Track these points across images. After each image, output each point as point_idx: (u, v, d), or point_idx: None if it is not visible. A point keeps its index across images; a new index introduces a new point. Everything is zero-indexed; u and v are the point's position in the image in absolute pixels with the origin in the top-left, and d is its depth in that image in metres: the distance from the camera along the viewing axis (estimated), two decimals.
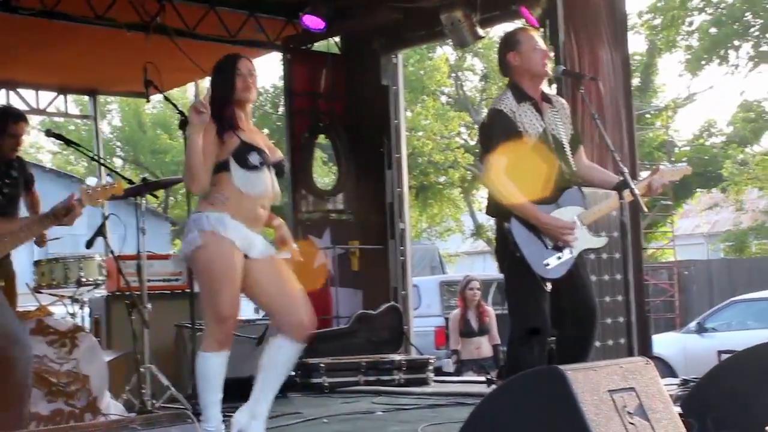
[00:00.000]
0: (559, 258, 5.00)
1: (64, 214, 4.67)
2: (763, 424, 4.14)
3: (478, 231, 32.38)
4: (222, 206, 4.68)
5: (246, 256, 4.72)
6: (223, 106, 4.81)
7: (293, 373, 8.15)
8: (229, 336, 4.70)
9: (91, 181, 5.51)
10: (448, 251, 32.96)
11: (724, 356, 5.54)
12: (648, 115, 29.20)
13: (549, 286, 4.97)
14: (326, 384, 8.15)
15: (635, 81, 28.96)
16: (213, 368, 4.65)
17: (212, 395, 4.65)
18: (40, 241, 6.71)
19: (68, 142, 6.41)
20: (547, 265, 4.98)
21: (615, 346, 7.80)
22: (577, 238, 5.06)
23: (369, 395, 7.76)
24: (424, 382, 8.45)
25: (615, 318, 7.86)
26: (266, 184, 4.77)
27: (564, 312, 5.12)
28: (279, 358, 4.80)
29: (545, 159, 5.11)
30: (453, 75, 31.02)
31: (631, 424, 3.68)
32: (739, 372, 4.75)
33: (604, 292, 7.86)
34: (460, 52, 28.48)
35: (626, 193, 4.89)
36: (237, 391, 5.23)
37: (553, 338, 5.25)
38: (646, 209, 5.18)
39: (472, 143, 29.69)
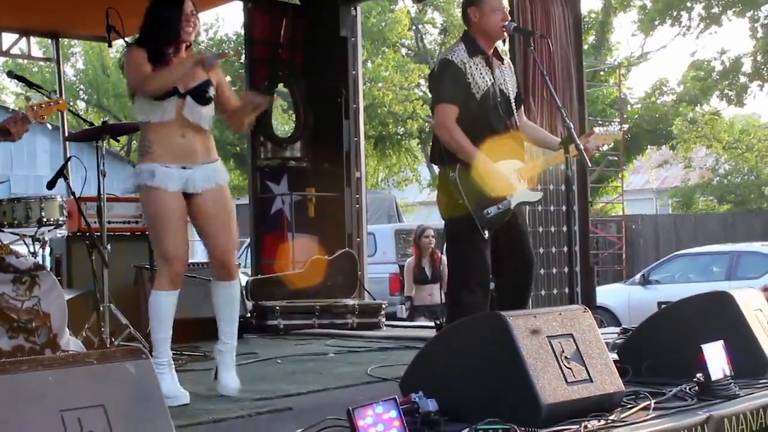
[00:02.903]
0: (499, 208, 5.12)
1: (10, 128, 4.81)
2: (693, 371, 4.26)
3: (434, 181, 32.45)
4: (151, 156, 4.75)
5: (187, 194, 4.79)
6: (166, 44, 4.83)
7: (249, 315, 8.26)
8: (179, 275, 4.79)
9: (37, 99, 5.52)
10: (405, 201, 33.01)
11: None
12: (602, 73, 29.32)
13: (487, 234, 5.08)
14: (281, 326, 8.23)
15: (590, 39, 29.06)
16: (164, 306, 4.75)
17: (163, 331, 4.75)
18: None
19: (29, 84, 6.35)
20: (488, 213, 5.09)
21: (559, 295, 7.94)
22: (517, 189, 5.18)
23: (322, 338, 7.83)
24: (376, 326, 8.54)
25: (560, 268, 7.99)
26: (169, 112, 4.74)
27: (503, 260, 5.24)
28: (220, 300, 4.94)
29: (492, 113, 5.20)
30: (413, 28, 30.97)
31: (568, 368, 3.78)
32: (672, 322, 4.88)
33: (549, 243, 7.98)
34: (421, 5, 28.39)
35: (572, 147, 4.98)
36: (195, 330, 5.32)
37: (493, 286, 5.38)
38: (589, 164, 5.27)
39: (431, 96, 29.68)
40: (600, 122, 27.16)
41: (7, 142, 5.05)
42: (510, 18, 5.34)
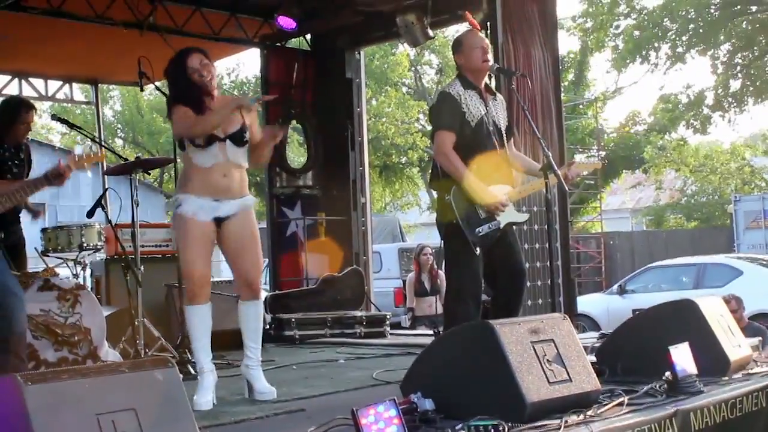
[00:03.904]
0: (490, 227, 5.11)
1: (54, 177, 4.85)
2: (662, 370, 4.25)
3: (433, 205, 32.42)
4: (188, 188, 4.75)
5: (218, 220, 4.76)
6: (197, 95, 4.81)
7: (268, 327, 8.25)
8: (201, 289, 4.73)
9: (78, 150, 5.56)
10: (407, 222, 33.00)
11: None
12: (581, 106, 29.37)
13: (478, 251, 5.07)
14: (297, 336, 8.22)
15: (570, 76, 29.16)
16: (192, 318, 4.74)
17: (198, 341, 4.73)
18: (35, 214, 6.70)
19: (71, 126, 6.40)
20: (479, 232, 5.09)
21: (545, 305, 7.93)
22: (505, 211, 5.18)
23: (333, 346, 7.80)
24: (381, 335, 8.51)
25: (545, 280, 7.98)
26: (216, 156, 4.74)
27: (497, 273, 5.22)
28: (244, 318, 4.88)
29: (485, 140, 5.21)
30: (413, 69, 31.06)
31: (550, 370, 3.78)
32: (644, 327, 4.88)
33: (536, 258, 7.97)
34: (419, 48, 28.47)
35: (551, 174, 4.98)
36: (221, 340, 5.31)
37: (488, 298, 5.36)
38: (568, 189, 5.28)
39: (429, 128, 29.67)
40: (580, 150, 27.29)
41: (52, 187, 5.13)
42: (489, 50, 5.36)
